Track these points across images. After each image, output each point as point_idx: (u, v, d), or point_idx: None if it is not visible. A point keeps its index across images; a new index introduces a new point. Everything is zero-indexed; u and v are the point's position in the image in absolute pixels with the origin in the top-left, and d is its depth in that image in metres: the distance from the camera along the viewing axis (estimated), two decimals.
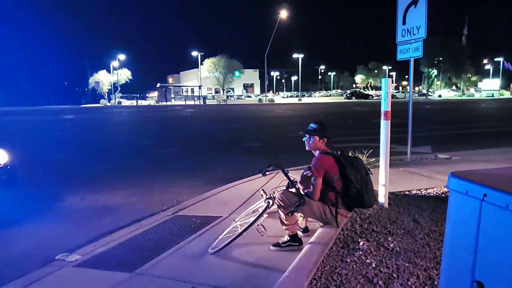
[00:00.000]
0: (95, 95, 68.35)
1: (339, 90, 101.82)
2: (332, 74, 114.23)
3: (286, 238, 3.52)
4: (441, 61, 70.29)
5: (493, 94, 67.79)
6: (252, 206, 3.96)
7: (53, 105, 58.96)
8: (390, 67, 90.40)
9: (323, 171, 3.56)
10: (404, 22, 7.60)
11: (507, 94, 74.56)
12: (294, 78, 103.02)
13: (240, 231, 3.47)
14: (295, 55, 74.66)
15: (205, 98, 60.63)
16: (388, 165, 4.54)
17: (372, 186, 3.72)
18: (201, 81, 65.45)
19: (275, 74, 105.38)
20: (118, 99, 62.91)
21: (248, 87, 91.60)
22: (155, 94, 69.49)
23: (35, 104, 59.75)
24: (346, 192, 3.59)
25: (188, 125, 21.04)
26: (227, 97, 67.74)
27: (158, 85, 65.21)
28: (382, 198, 4.51)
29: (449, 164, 7.52)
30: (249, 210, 3.91)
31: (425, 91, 72.15)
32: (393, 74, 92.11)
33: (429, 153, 8.92)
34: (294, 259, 3.12)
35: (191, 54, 67.77)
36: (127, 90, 70.09)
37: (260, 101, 59.29)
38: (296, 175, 3.94)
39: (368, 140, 9.93)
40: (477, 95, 73.48)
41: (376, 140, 4.86)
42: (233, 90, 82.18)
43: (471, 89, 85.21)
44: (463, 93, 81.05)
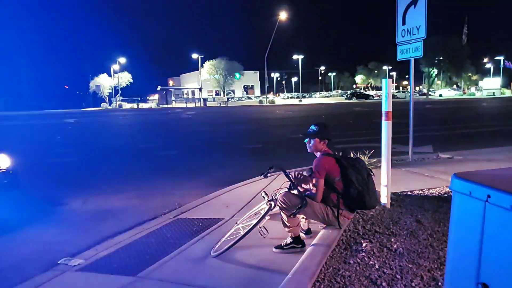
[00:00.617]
0: (96, 98, 68.44)
1: (340, 90, 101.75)
2: (332, 74, 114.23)
3: (288, 240, 3.51)
4: (442, 60, 70.27)
5: (494, 93, 67.73)
6: (254, 208, 3.96)
7: (53, 109, 59.02)
8: (390, 67, 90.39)
9: (325, 172, 3.55)
10: (403, 22, 7.60)
11: (508, 92, 74.51)
12: (294, 79, 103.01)
13: (242, 234, 3.46)
14: (295, 56, 74.72)
15: (205, 100, 60.67)
16: (390, 165, 4.53)
17: (374, 187, 3.71)
18: (202, 84, 65.47)
19: (275, 75, 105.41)
20: (119, 102, 62.95)
21: (248, 89, 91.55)
22: (155, 97, 69.56)
23: (35, 108, 59.80)
24: (347, 193, 3.58)
25: (189, 127, 21.05)
26: (228, 99, 67.77)
27: (158, 88, 65.30)
28: (384, 198, 4.50)
29: (451, 163, 7.51)
30: (251, 212, 3.91)
31: (425, 91, 72.12)
32: (394, 74, 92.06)
33: (431, 153, 8.90)
34: (296, 261, 3.11)
35: (192, 56, 67.81)
36: (128, 93, 70.10)
37: (260, 102, 59.30)
38: (294, 171, 3.92)
39: (369, 140, 9.92)
40: (478, 94, 73.45)
41: (377, 140, 4.86)
42: (234, 92, 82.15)
43: (472, 88, 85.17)
44: (464, 92, 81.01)
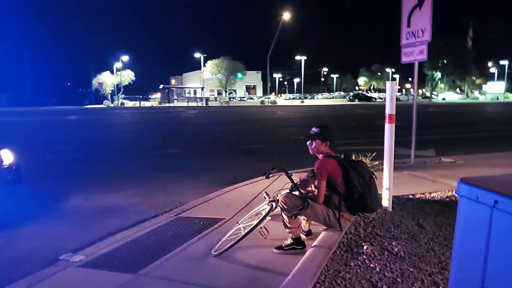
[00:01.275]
0: (98, 96, 68.49)
1: (342, 92, 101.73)
2: (335, 76, 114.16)
3: (289, 241, 3.51)
4: (445, 63, 70.15)
5: (498, 97, 67.57)
6: (255, 208, 3.96)
7: (56, 105, 59.11)
8: (393, 70, 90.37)
9: (327, 174, 3.55)
10: (408, 24, 7.56)
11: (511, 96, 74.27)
12: (296, 80, 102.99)
13: (243, 234, 3.46)
14: (297, 57, 74.67)
15: (207, 99, 60.66)
16: (392, 168, 4.52)
17: (376, 190, 3.70)
18: (204, 83, 65.51)
19: (277, 76, 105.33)
20: (121, 100, 63.01)
21: (250, 89, 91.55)
22: (158, 95, 69.58)
23: (38, 105, 59.90)
24: (349, 195, 3.58)
25: (190, 126, 21.07)
26: (230, 98, 67.79)
27: (161, 87, 65.33)
28: (386, 202, 4.49)
29: (453, 168, 7.49)
30: (252, 212, 3.91)
31: (428, 94, 72.04)
32: (397, 76, 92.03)
33: (433, 157, 8.89)
34: (297, 262, 3.11)
35: (194, 55, 67.88)
36: (130, 91, 70.11)
37: (262, 103, 59.29)
38: (299, 177, 3.93)
39: (371, 143, 9.90)
40: (481, 98, 73.30)
41: (379, 143, 4.85)
42: (236, 91, 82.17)
43: (476, 92, 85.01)
44: (467, 96, 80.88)
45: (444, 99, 72.45)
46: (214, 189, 5.97)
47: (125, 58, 68.05)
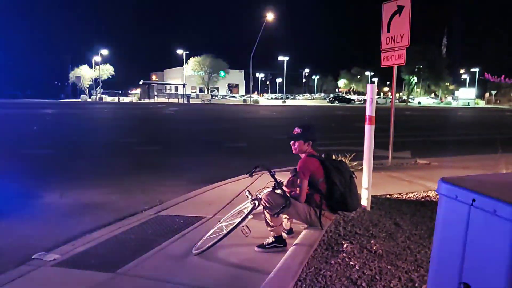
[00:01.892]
0: (76, 90, 66.98)
1: (323, 94, 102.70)
2: (316, 77, 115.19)
3: (271, 239, 3.53)
4: (421, 69, 71.90)
5: (468, 102, 69.68)
6: (237, 207, 3.95)
7: (30, 98, 57.48)
8: (372, 73, 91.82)
9: (309, 173, 3.59)
10: (388, 30, 7.72)
11: (481, 103, 76.76)
12: (278, 80, 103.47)
13: (225, 232, 3.45)
14: (280, 58, 74.98)
15: (189, 96, 60.19)
16: (371, 169, 4.60)
17: (356, 189, 3.77)
18: (186, 80, 64.98)
19: (260, 75, 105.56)
20: (99, 95, 61.81)
21: (233, 88, 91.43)
22: (137, 91, 68.64)
23: (10, 97, 58.08)
24: (330, 194, 3.62)
25: (171, 123, 20.87)
26: (212, 96, 67.48)
27: (141, 82, 64.38)
28: (364, 201, 4.57)
29: (428, 169, 7.68)
30: (235, 211, 3.90)
31: (405, 98, 73.54)
32: (375, 80, 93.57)
33: (409, 158, 9.09)
34: (278, 260, 3.13)
35: (176, 52, 67.23)
36: (109, 86, 68.97)
37: (244, 101, 59.29)
38: (282, 176, 3.95)
39: (351, 144, 10.04)
40: (454, 103, 75.35)
41: (358, 144, 4.93)
42: (218, 89, 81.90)
43: (449, 97, 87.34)
44: (441, 100, 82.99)
45: (419, 103, 74.10)
46: (195, 187, 5.92)
47: (105, 52, 66.94)
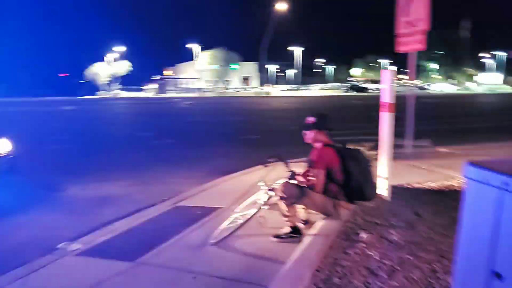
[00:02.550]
0: (93, 86, 68.10)
1: (338, 83, 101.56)
2: (330, 67, 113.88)
3: (287, 229, 3.51)
4: (441, 54, 70.22)
5: (492, 88, 67.71)
6: (252, 197, 3.95)
7: (50, 96, 58.61)
8: (390, 61, 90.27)
9: (325, 163, 3.54)
10: (405, 13, 7.51)
11: (507, 88, 74.44)
12: (292, 71, 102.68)
13: (241, 222, 3.46)
14: (293, 48, 74.37)
15: (203, 90, 60.42)
16: (390, 158, 4.52)
17: (373, 178, 3.71)
18: (200, 74, 65.14)
19: (273, 67, 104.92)
20: (116, 90, 62.67)
21: (246, 80, 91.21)
22: (153, 86, 69.23)
23: (32, 95, 59.39)
24: (347, 184, 3.58)
25: (186, 116, 20.99)
26: (225, 89, 67.55)
27: (157, 77, 64.91)
28: (384, 191, 4.49)
29: (449, 157, 7.51)
30: (250, 201, 3.90)
31: (423, 85, 72.15)
32: (392, 67, 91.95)
33: (429, 147, 8.90)
34: (294, 251, 3.11)
35: (189, 46, 67.45)
36: (126, 81, 69.80)
37: (258, 93, 59.14)
38: (296, 167, 3.91)
39: (368, 133, 9.88)
40: (476, 89, 73.46)
41: (375, 133, 4.84)
42: (231, 82, 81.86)
43: (471, 83, 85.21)
44: (462, 87, 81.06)
45: (439, 90, 72.59)
46: (210, 179, 5.94)
47: (121, 48, 67.62)
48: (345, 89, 69.68)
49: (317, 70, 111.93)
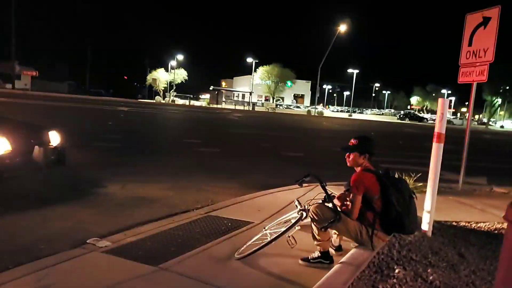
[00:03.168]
0: (152, 91, 71.21)
1: (393, 110, 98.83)
2: (386, 92, 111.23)
3: (316, 253, 3.35)
4: (507, 89, 66.19)
5: None
6: (285, 215, 3.82)
7: (111, 96, 61.99)
8: (449, 91, 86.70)
9: (363, 188, 3.36)
10: (470, 43, 7.16)
11: None
12: (346, 93, 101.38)
13: (269, 240, 3.34)
14: (349, 70, 73.56)
15: (254, 104, 61.11)
16: (436, 190, 4.22)
17: (415, 211, 3.46)
18: (253, 88, 66.06)
19: (327, 87, 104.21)
20: (172, 97, 65.04)
21: (298, 98, 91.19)
22: (207, 96, 71.04)
23: (95, 94, 63.18)
24: (385, 214, 3.36)
25: (234, 128, 21.21)
26: (276, 105, 67.87)
27: (211, 88, 66.58)
28: (425, 225, 4.19)
29: (506, 199, 6.93)
30: (281, 219, 3.77)
31: (485, 120, 68.27)
32: (452, 98, 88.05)
33: (484, 185, 8.31)
34: (320, 277, 2.95)
35: (246, 60, 68.70)
36: (182, 89, 72.34)
37: (308, 112, 58.77)
38: (334, 189, 3.76)
39: (418, 163, 9.41)
40: None
41: (426, 165, 4.56)
42: (283, 99, 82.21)
43: None
44: None
45: (502, 126, 68.35)
46: (247, 192, 5.91)
47: (180, 57, 70.25)
48: (400, 116, 67.48)
49: (373, 94, 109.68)
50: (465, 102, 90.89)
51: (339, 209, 3.36)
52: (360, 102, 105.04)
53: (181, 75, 69.78)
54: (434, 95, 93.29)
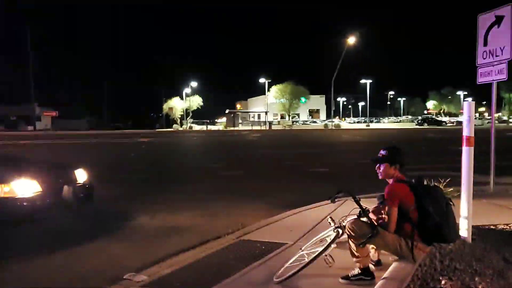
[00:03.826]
0: (168, 120, 72.40)
1: (410, 116, 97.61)
2: (402, 99, 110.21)
3: (357, 270, 3.28)
4: None
5: None
6: (319, 234, 3.77)
7: (130, 129, 63.19)
8: (465, 93, 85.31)
9: (398, 200, 3.30)
10: (485, 43, 7.12)
11: None
12: (361, 103, 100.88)
13: (307, 261, 3.28)
14: (363, 81, 73.43)
15: (271, 123, 61.35)
16: (471, 195, 4.11)
17: (454, 219, 3.37)
18: (268, 107, 66.46)
19: (341, 99, 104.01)
20: (189, 124, 65.98)
21: (313, 113, 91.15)
22: (223, 119, 71.74)
23: (114, 128, 64.54)
24: (423, 224, 3.28)
25: (254, 149, 21.27)
26: (293, 122, 67.93)
27: (226, 111, 67.38)
28: (464, 232, 4.06)
29: None
30: (317, 238, 3.72)
31: (505, 118, 66.66)
32: (469, 99, 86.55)
33: None
34: None
35: (259, 81, 69.40)
36: (198, 115, 73.44)
37: (326, 126, 58.62)
38: (367, 203, 3.69)
39: (444, 168, 9.24)
40: None
41: (453, 168, 4.48)
42: (299, 115, 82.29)
43: None
44: None
45: None
46: (276, 212, 5.86)
47: (194, 84, 71.50)
48: (418, 121, 66.61)
49: (388, 102, 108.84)
50: (482, 101, 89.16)
51: (375, 223, 3.30)
52: (376, 111, 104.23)
53: (196, 101, 70.90)
54: (450, 97, 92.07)
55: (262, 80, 68.04)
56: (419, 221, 3.27)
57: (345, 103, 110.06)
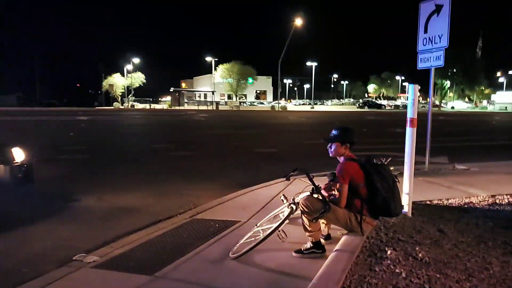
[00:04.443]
0: (108, 98, 69.02)
1: (352, 99, 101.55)
2: (344, 83, 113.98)
3: (309, 244, 3.43)
4: (455, 72, 69.73)
5: (506, 107, 66.47)
6: (273, 211, 3.88)
7: (65, 106, 59.61)
8: (402, 77, 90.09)
9: (349, 177, 3.48)
10: (425, 30, 7.51)
11: None
12: (306, 86, 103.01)
13: (263, 237, 3.38)
14: (308, 63, 74.82)
15: (218, 103, 60.85)
16: (412, 173, 4.44)
17: (399, 194, 3.63)
18: (214, 87, 65.75)
19: (288, 81, 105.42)
20: (131, 102, 63.40)
21: (260, 94, 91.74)
22: (168, 98, 69.95)
23: (48, 105, 60.54)
24: (372, 199, 3.50)
25: (202, 129, 21.06)
26: (240, 103, 67.91)
27: (171, 90, 65.56)
28: (406, 207, 4.39)
29: (468, 175, 7.38)
30: (271, 215, 3.83)
31: (438, 103, 71.54)
32: (406, 84, 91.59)
33: (447, 164, 8.76)
34: (317, 267, 3.03)
35: (205, 59, 68.24)
36: (140, 93, 70.67)
37: (272, 108, 59.28)
38: (319, 181, 3.85)
39: (384, 149, 9.78)
40: (490, 108, 72.46)
41: (392, 148, 4.78)
42: (246, 96, 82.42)
43: (484, 101, 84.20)
44: (476, 105, 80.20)
45: (453, 108, 71.87)
46: (228, 192, 5.90)
47: (136, 60, 68.61)
48: (359, 104, 69.51)
49: (332, 85, 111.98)
50: (418, 86, 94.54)
51: (327, 199, 3.45)
52: (320, 94, 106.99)
53: (138, 78, 68.05)
54: (389, 82, 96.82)
55: (209, 58, 67.00)
56: (368, 197, 3.48)
57: (291, 85, 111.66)
